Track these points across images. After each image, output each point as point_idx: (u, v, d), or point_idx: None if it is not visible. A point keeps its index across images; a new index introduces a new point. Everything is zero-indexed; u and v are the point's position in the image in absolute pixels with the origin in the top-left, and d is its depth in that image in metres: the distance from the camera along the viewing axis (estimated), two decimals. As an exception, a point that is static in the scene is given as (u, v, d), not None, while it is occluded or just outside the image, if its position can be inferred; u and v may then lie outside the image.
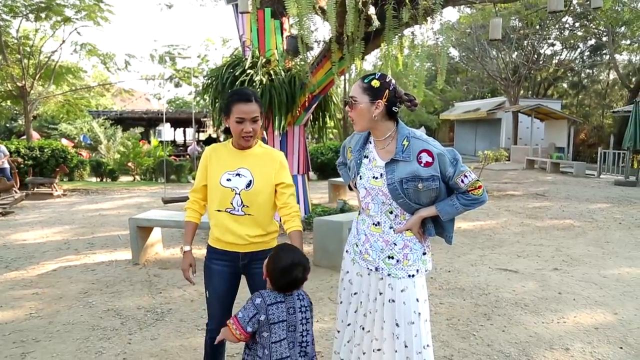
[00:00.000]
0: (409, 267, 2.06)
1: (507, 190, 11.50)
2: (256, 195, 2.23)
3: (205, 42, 28.13)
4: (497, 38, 6.24)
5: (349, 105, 2.05)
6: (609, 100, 28.57)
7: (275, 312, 1.88)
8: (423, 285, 2.11)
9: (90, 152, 19.08)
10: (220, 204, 2.23)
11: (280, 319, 1.89)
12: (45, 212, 8.98)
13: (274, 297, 1.90)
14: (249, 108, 2.18)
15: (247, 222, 2.23)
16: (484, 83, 30.30)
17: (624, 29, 21.41)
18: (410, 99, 2.06)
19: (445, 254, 5.68)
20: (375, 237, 2.12)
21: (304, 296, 2.01)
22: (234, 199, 2.21)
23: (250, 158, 2.29)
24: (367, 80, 2.02)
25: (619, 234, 6.75)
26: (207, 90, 6.82)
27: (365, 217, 2.18)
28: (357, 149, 2.18)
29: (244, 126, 2.19)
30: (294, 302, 1.95)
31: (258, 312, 1.85)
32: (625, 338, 3.40)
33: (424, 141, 2.02)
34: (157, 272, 4.95)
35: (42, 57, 16.14)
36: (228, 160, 2.28)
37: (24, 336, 3.40)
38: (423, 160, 1.98)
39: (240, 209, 2.22)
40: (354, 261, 2.21)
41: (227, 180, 2.23)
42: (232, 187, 2.22)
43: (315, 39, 6.28)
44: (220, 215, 2.25)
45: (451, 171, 1.99)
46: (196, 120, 17.51)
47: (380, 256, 2.09)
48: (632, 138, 12.90)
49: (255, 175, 2.24)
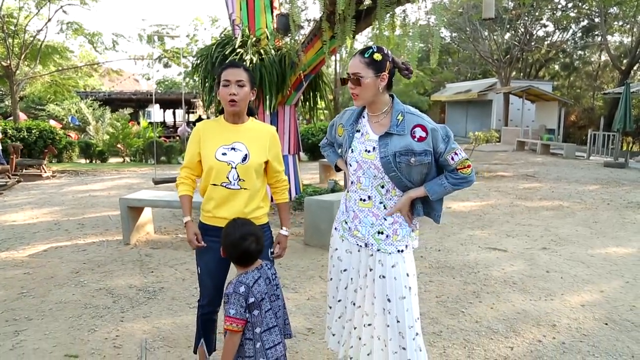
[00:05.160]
0: (398, 242, 2.08)
1: (497, 172, 11.58)
2: (252, 168, 2.23)
3: (194, 21, 27.72)
4: (490, 17, 6.22)
5: (352, 82, 2.02)
6: (600, 82, 28.69)
7: (258, 288, 1.92)
8: (412, 260, 2.14)
9: (79, 134, 18.86)
10: (216, 178, 2.23)
11: (264, 292, 1.95)
12: (35, 193, 8.90)
13: (252, 277, 1.94)
14: (234, 71, 2.20)
15: (243, 196, 2.24)
16: (475, 64, 30.23)
17: (616, 9, 21.39)
18: (407, 66, 2.09)
19: (435, 233, 5.73)
20: (364, 212, 2.13)
21: (270, 265, 2.10)
22: (229, 173, 2.21)
23: (244, 132, 2.29)
24: (367, 55, 2.01)
25: (607, 214, 6.84)
26: (197, 70, 6.74)
27: (353, 193, 2.19)
28: (349, 124, 2.18)
29: (228, 89, 2.18)
30: (267, 272, 2.03)
31: (247, 298, 1.88)
32: (610, 315, 3.48)
33: (418, 116, 2.03)
34: (148, 252, 4.95)
35: (27, 36, 15.80)
36: (222, 135, 2.27)
37: (16, 315, 3.40)
38: (417, 134, 1.99)
39: (237, 182, 2.22)
40: (342, 238, 2.23)
41: (222, 154, 2.22)
42: (227, 161, 2.21)
43: (306, 18, 6.20)
44: (216, 189, 2.24)
45: (443, 147, 2.00)
46: (186, 101, 17.32)
47: (370, 231, 2.10)
48: (622, 120, 12.98)
49: (251, 149, 2.25)
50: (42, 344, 2.97)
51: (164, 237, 5.58)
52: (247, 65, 5.84)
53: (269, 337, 1.94)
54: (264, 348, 1.91)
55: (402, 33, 5.45)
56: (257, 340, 1.90)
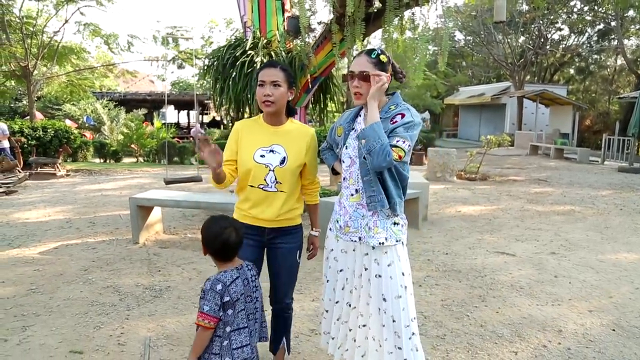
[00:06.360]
0: (379, 234, 2.07)
1: (509, 176, 11.47)
2: (290, 172, 2.24)
3: (209, 23, 27.94)
4: (501, 20, 6.16)
5: (360, 79, 2.04)
6: (616, 86, 28.27)
7: (235, 288, 1.93)
8: (406, 259, 2.14)
9: (94, 133, 19.09)
10: (254, 180, 2.23)
11: (240, 292, 1.95)
12: (48, 191, 9.04)
13: (230, 276, 1.94)
14: (270, 72, 2.19)
15: (280, 198, 2.25)
16: (489, 68, 30.01)
17: (633, 12, 21.07)
18: (402, 71, 2.14)
19: (443, 236, 5.70)
20: (354, 206, 2.14)
21: (251, 266, 2.08)
22: (267, 176, 2.22)
23: (283, 134, 2.28)
24: (374, 55, 2.05)
25: (619, 219, 6.74)
26: (209, 72, 6.78)
27: (345, 190, 2.20)
28: (347, 122, 2.22)
29: (263, 89, 2.17)
30: (246, 273, 2.02)
31: (222, 296, 1.88)
32: (618, 321, 3.43)
33: (407, 108, 2.06)
34: (156, 251, 5.00)
35: (45, 37, 16.06)
36: (261, 136, 2.27)
37: (24, 310, 3.46)
38: (395, 119, 2.02)
39: (274, 185, 2.23)
40: (337, 238, 2.24)
41: (260, 156, 2.22)
42: (266, 164, 2.21)
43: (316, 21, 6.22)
44: (253, 191, 2.25)
45: (401, 130, 1.98)
46: (199, 102, 17.44)
47: (361, 224, 2.11)
48: (637, 124, 12.81)
49: (289, 152, 2.25)
50: (48, 339, 3.02)
51: (172, 236, 5.63)
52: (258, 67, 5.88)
53: (237, 337, 1.94)
54: (230, 347, 1.92)
55: (412, 36, 5.43)
56: (225, 338, 1.91)
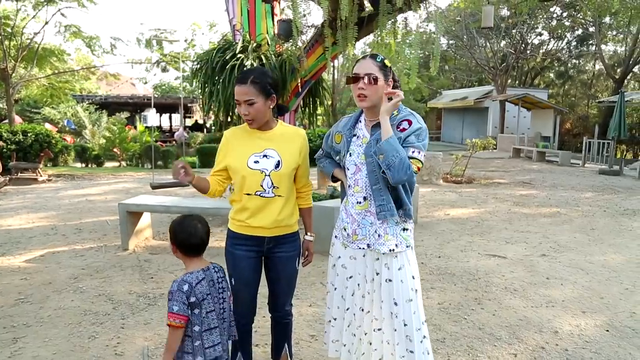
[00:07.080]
0: (389, 241, 2.08)
1: (494, 178, 11.62)
2: (286, 175, 2.22)
3: (192, 26, 27.71)
4: (489, 26, 6.27)
5: (367, 81, 2.03)
6: (595, 91, 28.91)
7: (201, 289, 1.97)
8: (415, 262, 2.16)
9: (75, 137, 18.76)
10: (250, 187, 2.19)
11: (206, 293, 1.99)
12: (30, 197, 8.83)
13: (196, 277, 1.98)
14: (241, 90, 2.13)
15: (278, 204, 2.22)
16: (472, 71, 30.39)
17: (610, 19, 21.59)
18: (397, 78, 2.17)
19: (435, 239, 5.73)
20: (362, 214, 2.14)
21: (219, 268, 2.11)
22: (263, 181, 2.18)
23: (274, 138, 2.25)
24: (379, 60, 2.06)
25: (603, 221, 6.87)
26: (197, 75, 6.71)
27: (350, 197, 2.19)
28: (347, 129, 2.21)
29: (240, 109, 2.15)
30: (212, 275, 2.05)
31: (188, 297, 1.93)
32: (611, 321, 3.48)
33: (412, 114, 2.08)
34: (147, 258, 4.91)
35: (24, 38, 15.74)
36: (252, 142, 2.23)
37: (14, 321, 3.36)
38: (402, 126, 2.04)
39: (271, 190, 2.19)
40: (344, 245, 2.22)
41: (254, 162, 2.19)
42: (261, 169, 2.18)
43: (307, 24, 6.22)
44: (251, 199, 2.20)
45: (413, 140, 2.01)
46: (183, 105, 17.29)
47: (369, 231, 2.11)
48: (616, 128, 13.09)
49: (283, 155, 2.22)
50: (41, 351, 2.94)
51: (162, 242, 5.55)
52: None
53: (209, 336, 1.99)
54: (203, 347, 1.97)
55: (402, 40, 5.46)
56: (197, 338, 1.96)
